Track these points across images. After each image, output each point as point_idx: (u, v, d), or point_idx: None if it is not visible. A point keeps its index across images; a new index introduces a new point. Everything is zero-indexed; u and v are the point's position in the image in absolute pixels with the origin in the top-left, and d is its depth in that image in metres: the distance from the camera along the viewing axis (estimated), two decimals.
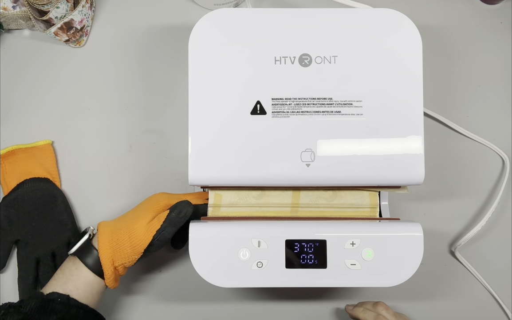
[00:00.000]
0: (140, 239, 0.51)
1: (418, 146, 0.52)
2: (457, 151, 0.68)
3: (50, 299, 0.49)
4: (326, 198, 0.56)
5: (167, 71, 0.67)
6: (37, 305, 0.48)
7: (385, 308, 0.56)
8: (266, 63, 0.53)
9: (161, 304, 0.64)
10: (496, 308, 0.65)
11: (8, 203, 0.61)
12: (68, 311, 0.49)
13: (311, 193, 0.56)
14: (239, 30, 0.53)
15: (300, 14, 0.54)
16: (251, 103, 0.52)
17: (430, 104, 0.68)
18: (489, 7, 0.71)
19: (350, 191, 0.56)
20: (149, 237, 0.51)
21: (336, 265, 0.51)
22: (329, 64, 0.53)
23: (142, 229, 0.52)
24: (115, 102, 0.67)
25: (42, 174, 0.62)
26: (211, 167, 0.51)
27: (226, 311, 0.64)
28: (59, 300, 0.49)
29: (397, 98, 0.53)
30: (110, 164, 0.65)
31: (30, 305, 0.48)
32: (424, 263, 0.63)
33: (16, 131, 0.65)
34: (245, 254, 0.51)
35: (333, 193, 0.56)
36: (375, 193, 0.56)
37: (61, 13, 0.62)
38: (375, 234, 0.51)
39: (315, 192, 0.56)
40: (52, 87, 0.67)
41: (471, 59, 0.70)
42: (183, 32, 0.67)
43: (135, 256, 0.52)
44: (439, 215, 0.66)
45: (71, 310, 0.49)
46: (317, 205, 0.55)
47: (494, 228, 0.66)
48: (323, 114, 0.52)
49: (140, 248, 0.51)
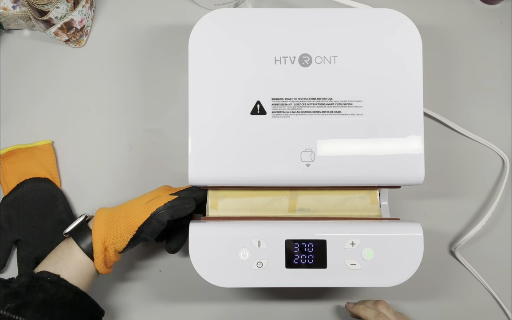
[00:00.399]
0: (136, 215, 0.51)
1: (418, 146, 0.52)
2: (457, 151, 0.68)
3: (40, 277, 0.49)
4: (327, 209, 0.55)
5: (167, 71, 0.67)
6: (27, 281, 0.49)
7: (386, 307, 0.56)
8: (266, 63, 0.53)
9: (161, 304, 0.64)
10: (496, 308, 0.65)
11: (8, 203, 0.61)
12: (57, 290, 0.49)
13: (310, 202, 0.56)
14: (239, 30, 0.53)
15: (300, 14, 0.54)
16: (251, 103, 0.52)
17: (430, 104, 0.68)
18: (489, 7, 0.71)
19: (350, 195, 0.56)
20: (146, 214, 0.51)
21: (336, 265, 0.51)
22: (329, 64, 0.53)
23: (140, 206, 0.52)
24: (115, 102, 0.67)
25: (42, 174, 0.63)
26: (211, 167, 0.51)
27: (226, 311, 0.64)
28: (48, 279, 0.49)
29: (397, 98, 0.53)
30: (110, 163, 0.65)
31: (20, 281, 0.49)
32: (424, 263, 0.63)
33: (16, 131, 0.65)
34: (245, 254, 0.51)
35: (334, 201, 0.56)
36: (375, 195, 0.56)
37: (61, 13, 0.62)
38: (375, 234, 0.51)
39: (315, 198, 0.56)
40: (52, 87, 0.67)
41: (471, 59, 0.70)
42: (183, 32, 0.67)
43: (128, 235, 0.51)
44: (439, 215, 0.66)
45: (60, 290, 0.49)
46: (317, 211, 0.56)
47: (494, 228, 0.66)
48: (323, 114, 0.52)
49: (135, 225, 0.51)
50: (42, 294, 0.48)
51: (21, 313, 0.46)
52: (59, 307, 0.48)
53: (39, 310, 0.47)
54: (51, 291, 0.49)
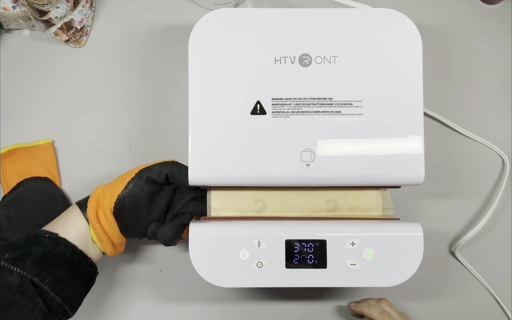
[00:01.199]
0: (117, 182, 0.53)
1: (418, 146, 0.52)
2: (457, 151, 0.68)
3: (38, 234, 0.49)
4: (328, 209, 0.55)
5: (167, 71, 0.67)
6: (24, 236, 0.48)
7: (389, 305, 0.56)
8: (266, 63, 0.53)
9: (161, 304, 0.64)
10: (496, 308, 0.65)
11: (8, 202, 0.61)
12: (56, 246, 0.48)
13: (310, 204, 0.56)
14: (239, 30, 0.53)
15: (300, 14, 0.54)
16: (251, 103, 0.52)
17: (430, 104, 0.68)
18: (489, 7, 0.71)
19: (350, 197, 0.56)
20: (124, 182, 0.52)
21: (336, 265, 0.51)
22: (329, 64, 0.53)
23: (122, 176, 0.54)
24: (115, 102, 0.67)
25: (42, 173, 0.63)
26: (211, 167, 0.51)
27: (226, 311, 0.64)
28: (47, 236, 0.49)
29: (397, 98, 0.53)
30: (110, 163, 0.65)
31: (17, 236, 0.48)
32: (424, 263, 0.63)
33: (16, 131, 0.65)
34: (245, 254, 0.51)
35: (334, 204, 0.56)
36: (378, 195, 0.56)
37: (61, 13, 0.62)
38: (375, 234, 0.51)
39: (315, 203, 0.56)
40: (52, 87, 0.67)
41: (471, 59, 0.70)
42: (183, 32, 0.67)
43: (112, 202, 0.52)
44: (439, 215, 0.66)
45: (59, 247, 0.49)
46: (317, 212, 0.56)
47: (494, 228, 0.66)
48: (323, 114, 0.52)
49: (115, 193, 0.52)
50: (41, 249, 0.47)
51: (18, 265, 0.45)
52: (56, 264, 0.48)
53: (37, 264, 0.46)
54: (49, 246, 0.48)
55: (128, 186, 0.52)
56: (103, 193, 0.53)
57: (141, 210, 0.53)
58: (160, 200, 0.54)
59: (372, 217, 0.55)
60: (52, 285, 0.47)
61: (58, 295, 0.47)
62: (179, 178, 0.53)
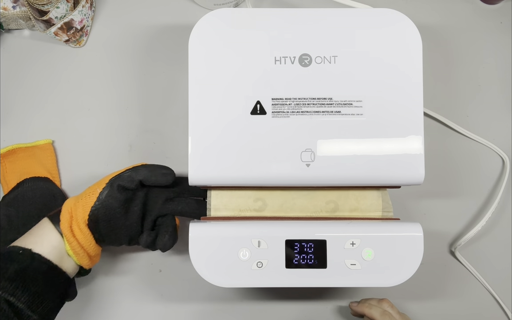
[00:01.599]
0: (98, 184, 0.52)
1: (418, 146, 0.52)
2: (457, 151, 0.68)
3: (11, 250, 0.48)
4: (327, 210, 0.55)
5: (167, 71, 0.67)
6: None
7: (390, 306, 0.56)
8: (266, 63, 0.53)
9: (161, 304, 0.64)
10: (496, 308, 0.65)
11: (8, 202, 0.61)
12: (31, 262, 0.47)
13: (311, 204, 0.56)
14: (239, 30, 0.53)
15: (300, 14, 0.54)
16: (251, 103, 0.52)
17: (430, 104, 0.68)
18: (489, 7, 0.71)
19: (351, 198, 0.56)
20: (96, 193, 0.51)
21: (336, 265, 0.51)
22: (329, 64, 0.53)
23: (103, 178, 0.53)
24: (115, 102, 0.67)
25: (42, 173, 0.63)
26: (211, 167, 0.51)
27: (226, 311, 0.64)
28: (20, 252, 0.48)
29: (397, 98, 0.53)
30: (110, 163, 0.65)
31: None
32: (424, 263, 0.63)
33: (16, 131, 0.65)
34: (245, 254, 0.51)
35: (334, 205, 0.56)
36: (379, 195, 0.56)
37: (61, 13, 0.62)
38: (375, 234, 0.51)
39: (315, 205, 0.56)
40: (52, 87, 0.67)
41: (471, 59, 0.70)
42: (183, 32, 0.67)
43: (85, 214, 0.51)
44: (439, 215, 0.66)
45: (34, 263, 0.48)
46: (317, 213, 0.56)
47: (494, 228, 0.66)
48: (323, 114, 0.52)
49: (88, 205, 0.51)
50: (15, 265, 0.47)
51: None
52: (32, 280, 0.47)
53: (12, 281, 0.45)
54: (24, 262, 0.47)
55: (101, 196, 0.51)
56: (75, 205, 0.51)
57: (116, 219, 0.52)
58: (135, 206, 0.53)
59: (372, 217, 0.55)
60: (29, 303, 0.46)
61: (34, 313, 0.46)
62: (153, 180, 0.53)
